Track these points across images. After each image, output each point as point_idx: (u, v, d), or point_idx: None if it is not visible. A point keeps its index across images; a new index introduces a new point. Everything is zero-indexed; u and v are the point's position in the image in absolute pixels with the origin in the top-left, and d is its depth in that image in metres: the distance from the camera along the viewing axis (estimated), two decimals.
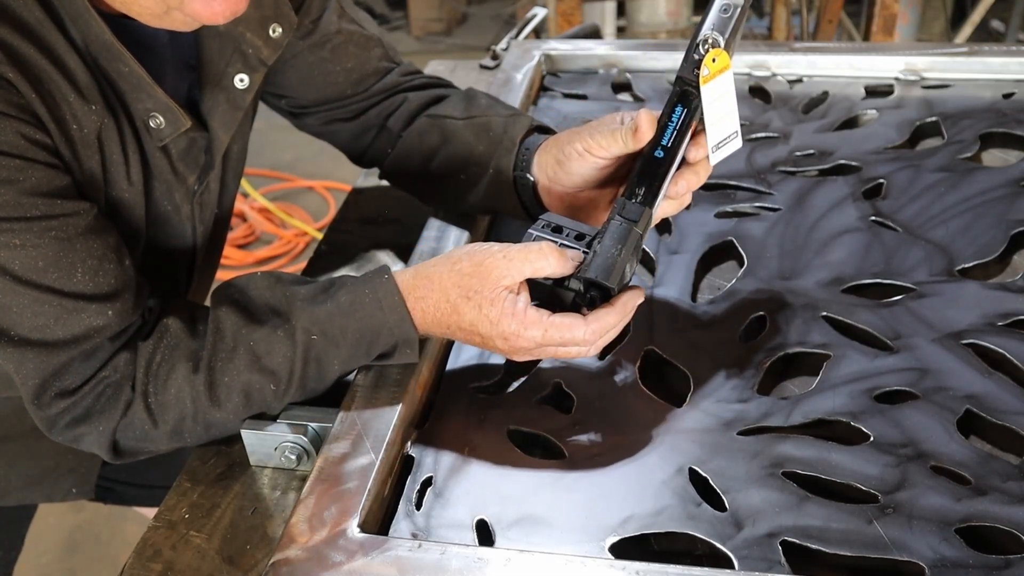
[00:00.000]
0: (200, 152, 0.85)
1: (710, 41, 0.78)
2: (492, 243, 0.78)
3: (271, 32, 0.86)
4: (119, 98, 0.77)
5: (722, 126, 0.82)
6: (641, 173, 0.80)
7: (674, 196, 0.82)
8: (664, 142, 0.80)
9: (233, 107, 0.86)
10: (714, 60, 0.78)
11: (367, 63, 1.02)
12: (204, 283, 1.03)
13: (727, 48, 0.78)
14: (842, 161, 1.16)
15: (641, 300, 0.79)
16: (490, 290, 0.75)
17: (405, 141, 1.03)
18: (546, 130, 0.97)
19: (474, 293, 0.76)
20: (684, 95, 0.80)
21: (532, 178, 0.93)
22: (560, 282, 0.78)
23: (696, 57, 0.78)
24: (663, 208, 0.83)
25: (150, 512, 1.18)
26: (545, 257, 0.75)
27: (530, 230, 0.80)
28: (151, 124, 0.79)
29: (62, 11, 0.71)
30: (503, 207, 0.98)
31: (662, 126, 0.81)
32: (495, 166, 0.95)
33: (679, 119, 0.80)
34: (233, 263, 3.10)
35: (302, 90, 1.01)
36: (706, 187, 1.14)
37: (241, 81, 0.85)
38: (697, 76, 0.78)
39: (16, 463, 1.01)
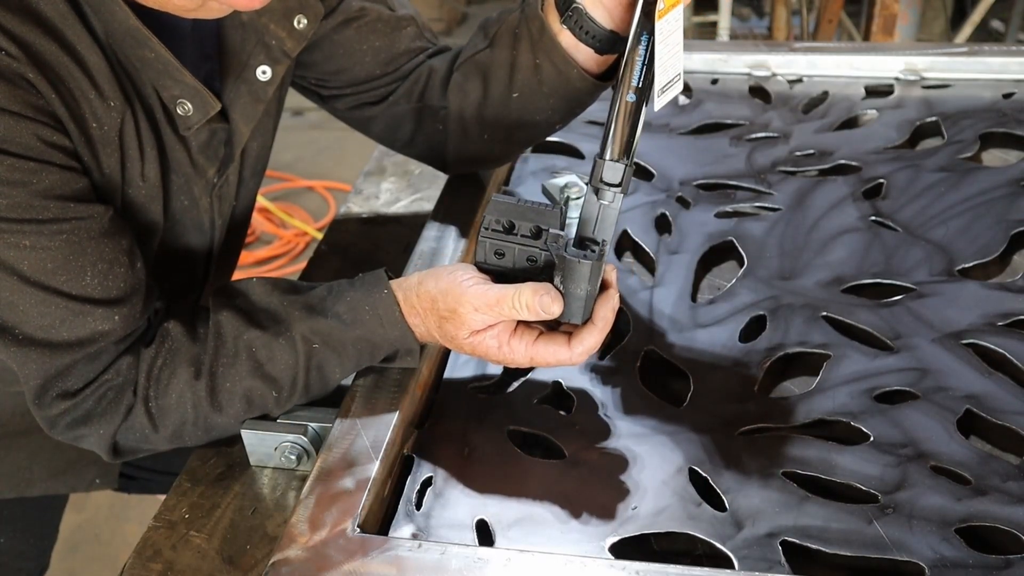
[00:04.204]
0: (220, 144, 0.84)
1: None
2: (469, 276, 0.75)
3: (296, 23, 0.85)
4: (137, 91, 0.76)
5: (669, 66, 0.76)
6: (615, 124, 0.74)
7: None
8: (635, 82, 0.74)
9: (255, 99, 0.85)
10: None
11: (397, 42, 0.98)
12: (221, 283, 1.02)
13: None
14: (842, 161, 1.16)
15: (616, 306, 0.76)
16: (466, 334, 0.76)
17: (452, 105, 0.97)
18: None
19: (452, 339, 0.77)
20: (649, 18, 0.73)
21: (580, 5, 0.85)
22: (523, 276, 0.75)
23: None
24: None
25: None
26: (518, 314, 0.73)
27: (481, 236, 0.75)
28: (179, 111, 0.78)
29: (84, 1, 0.71)
30: (581, 89, 0.90)
31: (631, 62, 0.74)
32: (540, 48, 0.89)
33: (646, 52, 0.74)
34: None
35: (328, 70, 0.98)
36: (706, 187, 1.14)
37: (264, 73, 0.84)
38: None
39: (39, 455, 1.02)
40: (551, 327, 0.78)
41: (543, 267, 0.75)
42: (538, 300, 0.72)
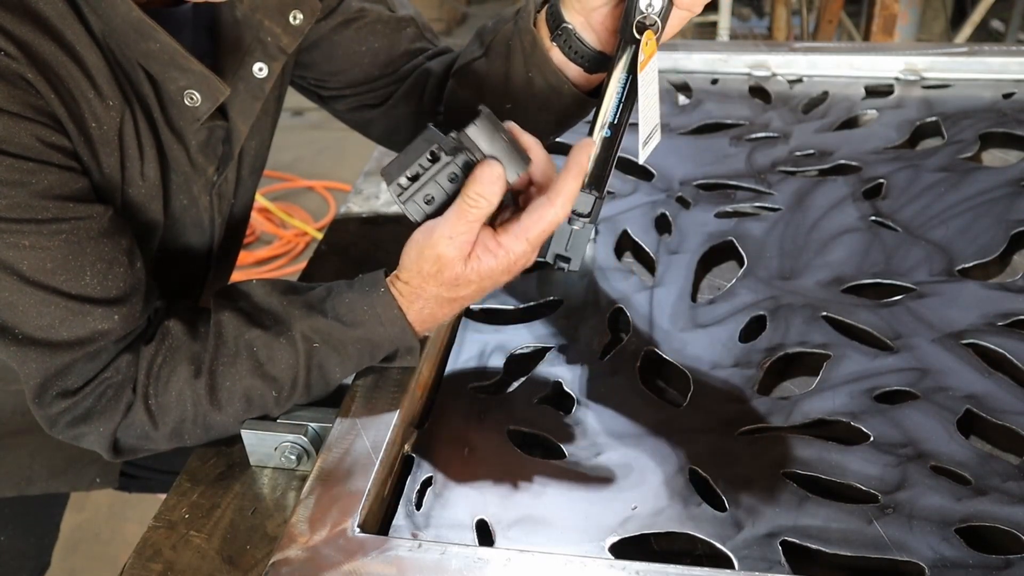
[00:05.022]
0: (219, 142, 0.84)
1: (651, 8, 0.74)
2: (429, 227, 0.74)
3: (291, 19, 0.84)
4: (136, 90, 0.76)
5: (649, 117, 0.77)
6: (590, 158, 0.76)
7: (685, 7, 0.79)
8: (612, 119, 0.76)
9: (252, 96, 0.84)
10: (647, 44, 0.74)
11: (396, 44, 0.98)
12: (221, 282, 1.02)
13: (660, 30, 0.76)
14: (842, 161, 1.16)
15: (591, 148, 0.75)
16: (462, 267, 0.73)
17: (448, 111, 0.97)
18: None
19: (456, 284, 0.75)
20: (630, 55, 0.75)
21: (570, 24, 0.86)
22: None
23: (638, 15, 0.75)
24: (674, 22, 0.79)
25: None
26: (480, 207, 0.71)
27: (400, 201, 0.72)
28: (186, 102, 0.77)
29: (83, 0, 0.71)
30: (572, 103, 0.91)
31: (607, 98, 0.76)
32: (532, 62, 0.89)
33: (624, 88, 0.75)
34: None
35: (328, 71, 0.98)
36: (706, 187, 1.14)
37: (260, 70, 0.84)
38: (639, 35, 0.74)
39: (40, 453, 1.02)
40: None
41: (465, 172, 0.72)
42: (479, 178, 0.70)
